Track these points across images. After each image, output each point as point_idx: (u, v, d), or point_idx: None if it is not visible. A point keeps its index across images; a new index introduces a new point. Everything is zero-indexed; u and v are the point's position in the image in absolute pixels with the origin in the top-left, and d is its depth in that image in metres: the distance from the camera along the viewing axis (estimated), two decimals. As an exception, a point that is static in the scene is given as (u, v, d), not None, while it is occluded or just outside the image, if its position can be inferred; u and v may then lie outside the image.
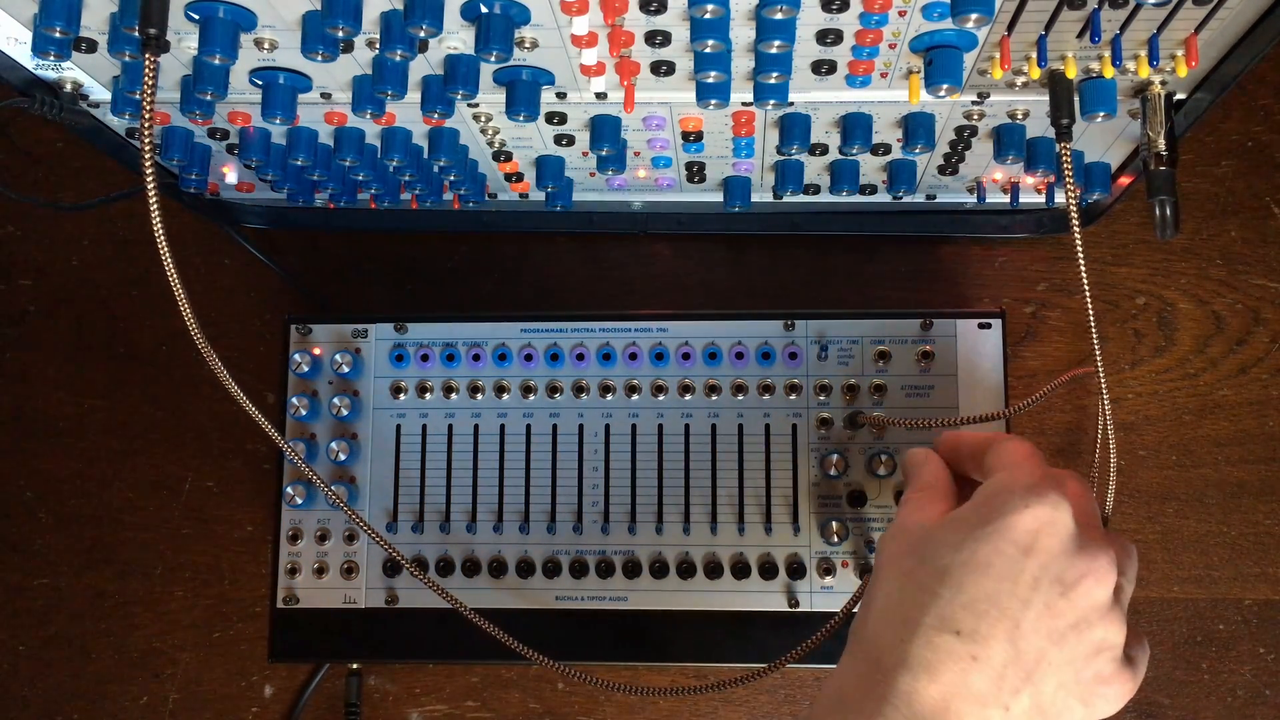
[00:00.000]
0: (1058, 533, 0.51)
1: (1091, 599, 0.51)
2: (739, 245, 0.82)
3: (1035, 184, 0.73)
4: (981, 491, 0.54)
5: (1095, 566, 0.51)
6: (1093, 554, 0.52)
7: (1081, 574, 0.51)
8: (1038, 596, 0.50)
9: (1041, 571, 0.51)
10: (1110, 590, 0.52)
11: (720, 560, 0.71)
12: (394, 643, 0.72)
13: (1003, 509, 0.52)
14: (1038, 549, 0.51)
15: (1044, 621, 0.50)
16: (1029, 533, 0.51)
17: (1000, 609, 0.50)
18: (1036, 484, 0.52)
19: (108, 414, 0.83)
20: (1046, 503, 0.51)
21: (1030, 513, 0.51)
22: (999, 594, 0.50)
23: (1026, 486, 0.52)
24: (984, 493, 0.54)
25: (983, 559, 0.51)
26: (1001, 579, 0.50)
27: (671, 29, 0.53)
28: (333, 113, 0.64)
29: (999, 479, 0.54)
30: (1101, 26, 0.52)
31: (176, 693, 0.80)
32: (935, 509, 0.56)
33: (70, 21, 0.53)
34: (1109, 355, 0.79)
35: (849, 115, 0.63)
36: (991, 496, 0.53)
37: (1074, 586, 0.51)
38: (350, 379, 0.74)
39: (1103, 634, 0.51)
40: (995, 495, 0.53)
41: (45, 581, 0.81)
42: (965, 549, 0.51)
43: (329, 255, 0.84)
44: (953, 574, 0.51)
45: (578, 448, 0.73)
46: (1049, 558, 0.51)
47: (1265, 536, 0.77)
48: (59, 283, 0.84)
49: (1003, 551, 0.51)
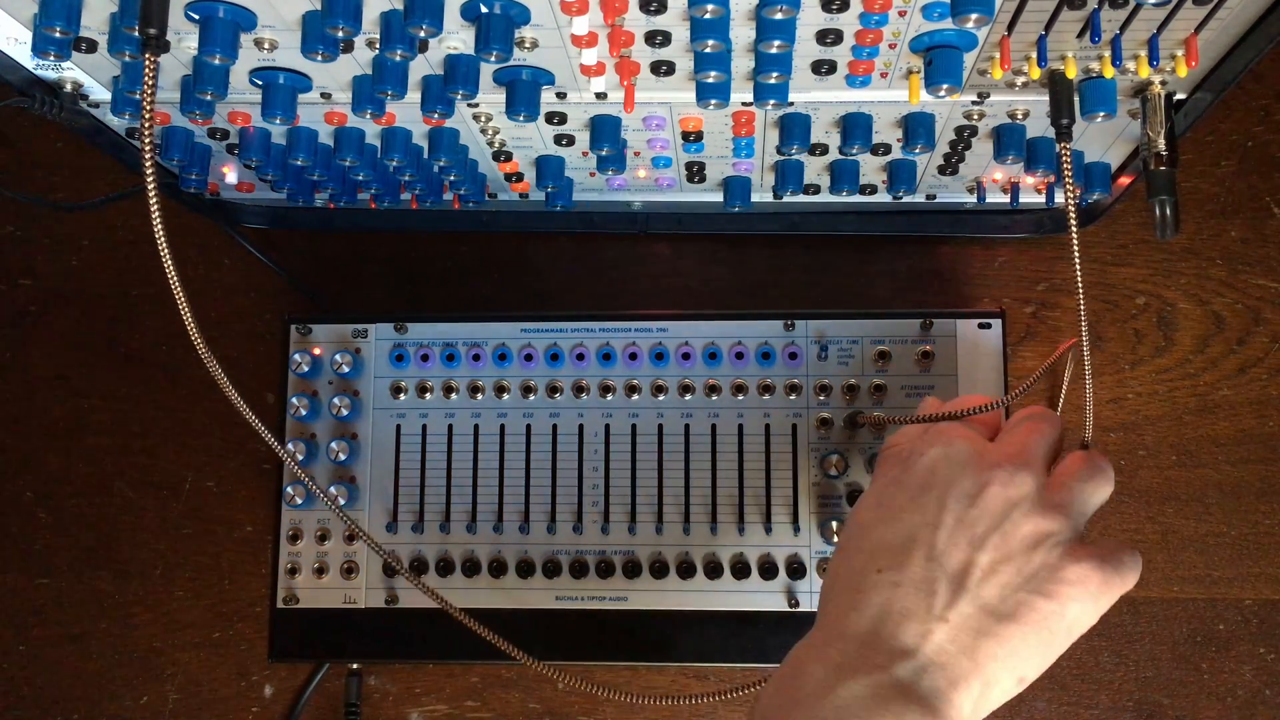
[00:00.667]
0: (951, 459, 0.55)
1: (1004, 499, 0.53)
2: (739, 245, 0.82)
3: (1035, 184, 0.73)
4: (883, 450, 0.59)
5: (997, 473, 0.54)
6: (994, 464, 0.54)
7: (985, 482, 0.53)
8: (946, 515, 0.53)
9: (944, 493, 0.54)
10: (1024, 489, 0.53)
11: (720, 560, 0.71)
12: (394, 643, 0.72)
13: (902, 461, 0.56)
14: (935, 479, 0.54)
15: (959, 533, 0.52)
16: (925, 470, 0.55)
17: (913, 539, 0.53)
18: (935, 433, 0.56)
19: (108, 414, 0.83)
20: (938, 442, 0.56)
21: (926, 456, 0.55)
22: (910, 528, 0.53)
23: (917, 434, 0.57)
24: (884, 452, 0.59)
25: (894, 505, 0.55)
26: (910, 514, 0.54)
27: (671, 29, 0.53)
28: (333, 113, 0.64)
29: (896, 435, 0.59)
30: (1101, 26, 0.52)
31: (176, 693, 0.80)
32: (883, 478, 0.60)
33: (70, 21, 0.53)
34: (1109, 355, 0.79)
35: (849, 115, 0.63)
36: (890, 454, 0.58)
37: (980, 494, 0.53)
38: (350, 379, 0.74)
39: (1033, 526, 0.52)
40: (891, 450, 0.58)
41: (45, 581, 0.81)
42: (881, 504, 0.55)
43: (329, 255, 0.84)
44: (873, 526, 0.55)
45: (578, 448, 0.73)
46: (947, 482, 0.54)
47: (1265, 536, 0.77)
48: (59, 283, 0.84)
49: (907, 493, 0.55)
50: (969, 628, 0.50)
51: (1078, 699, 0.77)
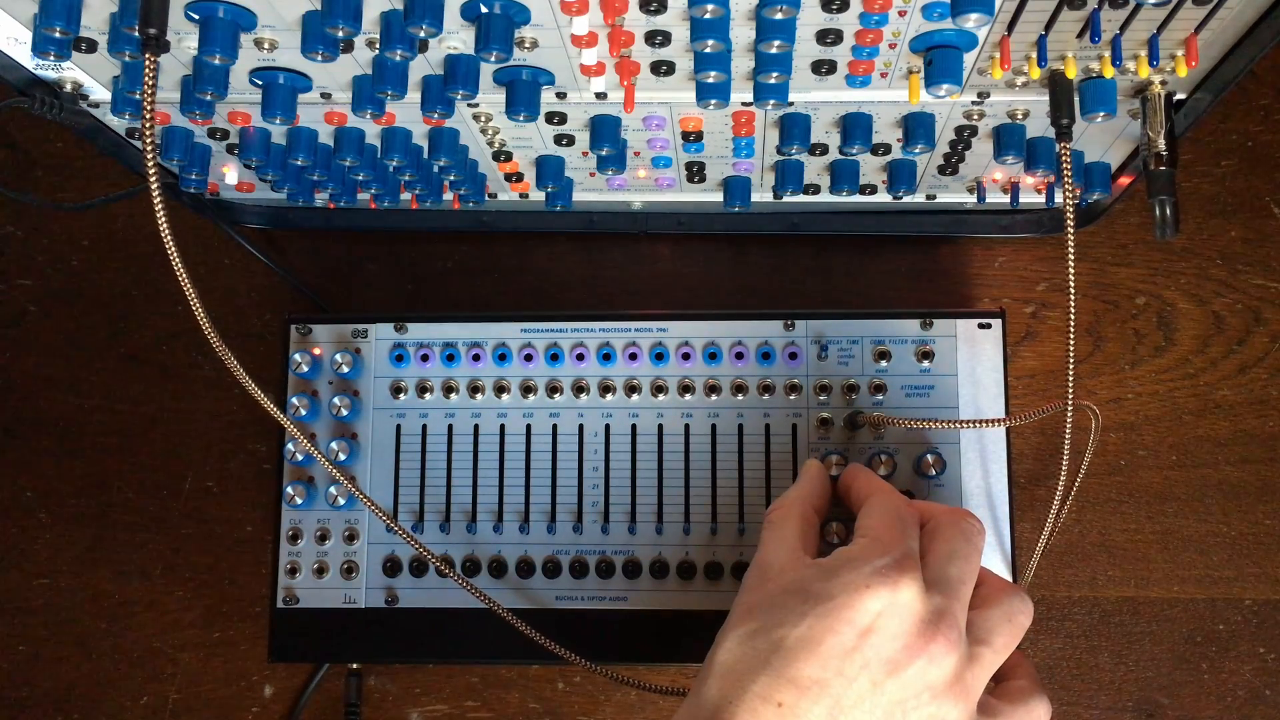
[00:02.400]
0: (896, 614, 0.52)
1: (923, 679, 0.52)
2: (739, 245, 0.82)
3: (1035, 184, 0.73)
4: (836, 556, 0.56)
5: (932, 648, 0.52)
6: (931, 635, 0.52)
7: (914, 655, 0.52)
8: (864, 675, 0.51)
9: (873, 653, 0.52)
10: (947, 669, 0.52)
11: (720, 561, 0.71)
12: (394, 643, 0.72)
13: (846, 586, 0.53)
14: (873, 630, 0.52)
15: (867, 699, 0.51)
16: (867, 613, 0.52)
17: (823, 686, 0.51)
18: (886, 565, 0.54)
19: (108, 414, 0.83)
20: (889, 584, 0.53)
21: (871, 594, 0.53)
22: (826, 671, 0.51)
23: (876, 567, 0.54)
24: (836, 562, 0.55)
25: (816, 635, 0.52)
26: (830, 657, 0.52)
27: (671, 29, 0.54)
28: (333, 113, 0.64)
29: (855, 549, 0.56)
30: (1101, 26, 0.52)
31: (176, 693, 0.80)
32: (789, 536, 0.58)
33: (70, 21, 0.53)
34: (1109, 355, 0.79)
35: (849, 115, 0.63)
36: (841, 567, 0.54)
37: (904, 667, 0.52)
38: (350, 379, 0.74)
39: (933, 711, 0.52)
40: (844, 567, 0.54)
41: (45, 581, 0.81)
42: (804, 624, 0.53)
43: (329, 255, 0.84)
44: (786, 647, 0.52)
45: (578, 448, 0.73)
46: (882, 639, 0.52)
47: (1265, 536, 0.77)
48: (59, 283, 0.84)
49: (837, 630, 0.52)
50: None
51: (1077, 699, 0.77)
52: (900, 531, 0.57)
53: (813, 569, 0.56)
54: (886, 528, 0.57)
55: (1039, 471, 0.78)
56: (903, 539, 0.56)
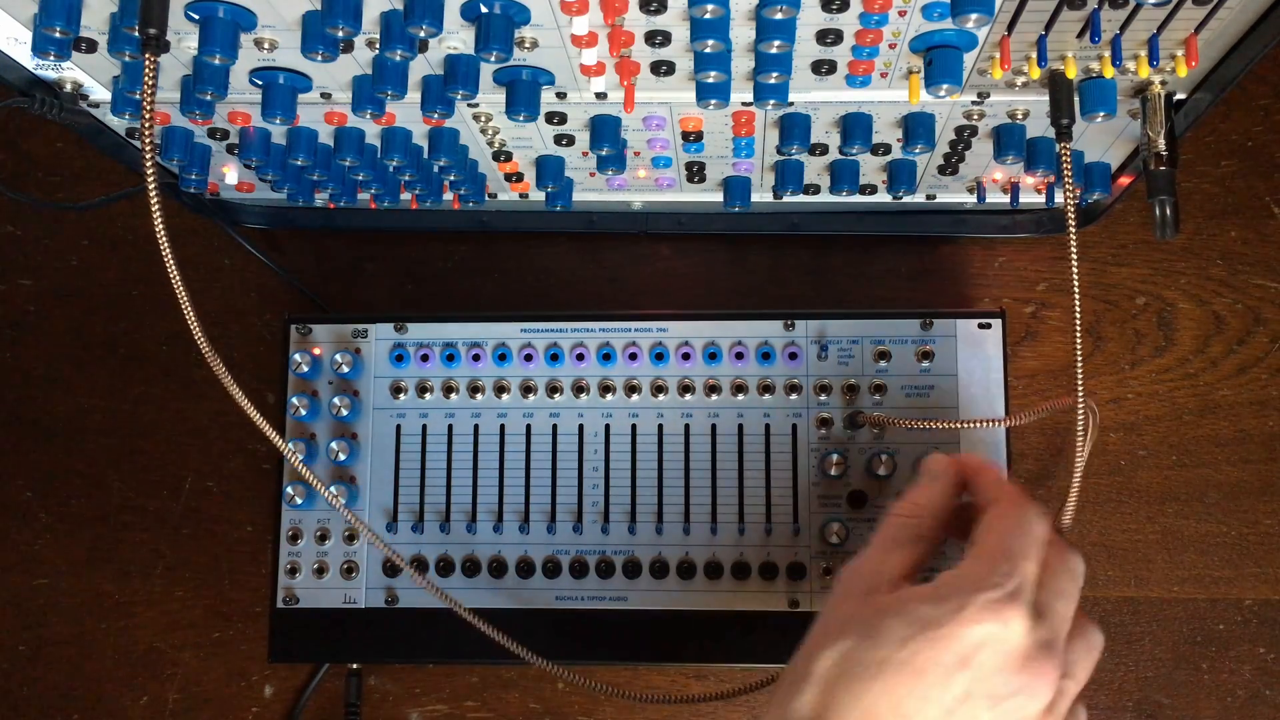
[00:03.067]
0: (1001, 650, 0.51)
1: (1021, 712, 0.51)
2: (739, 245, 0.82)
3: (1035, 184, 0.73)
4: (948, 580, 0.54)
5: (1033, 684, 0.51)
6: (1034, 671, 0.52)
7: (1016, 690, 0.51)
8: (963, 709, 0.51)
9: (974, 685, 0.51)
10: (1043, 703, 0.52)
11: (720, 561, 0.71)
12: (394, 643, 0.72)
13: (957, 614, 0.52)
14: (975, 663, 0.51)
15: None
16: (972, 645, 0.51)
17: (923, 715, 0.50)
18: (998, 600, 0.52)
19: (108, 414, 0.83)
20: (999, 620, 0.51)
21: (980, 628, 0.51)
22: (926, 701, 0.50)
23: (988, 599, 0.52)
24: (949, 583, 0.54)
25: (920, 664, 0.51)
26: (931, 686, 0.51)
27: (671, 29, 0.53)
28: (333, 113, 0.64)
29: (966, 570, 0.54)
30: (1101, 26, 0.52)
31: (176, 693, 0.80)
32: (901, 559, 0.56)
33: (70, 21, 0.53)
34: (1109, 355, 0.79)
35: (849, 115, 0.63)
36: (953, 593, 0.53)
37: (1004, 700, 0.51)
38: (350, 379, 0.74)
39: None
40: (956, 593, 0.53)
41: (45, 581, 0.81)
42: (907, 647, 0.51)
43: (329, 255, 0.84)
44: (889, 671, 0.51)
45: (578, 448, 0.73)
46: (985, 673, 0.51)
47: (1265, 536, 0.77)
48: (59, 283, 0.84)
49: (940, 661, 0.51)
50: None
51: (1078, 699, 0.77)
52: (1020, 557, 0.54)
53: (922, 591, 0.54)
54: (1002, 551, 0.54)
55: (1039, 471, 0.78)
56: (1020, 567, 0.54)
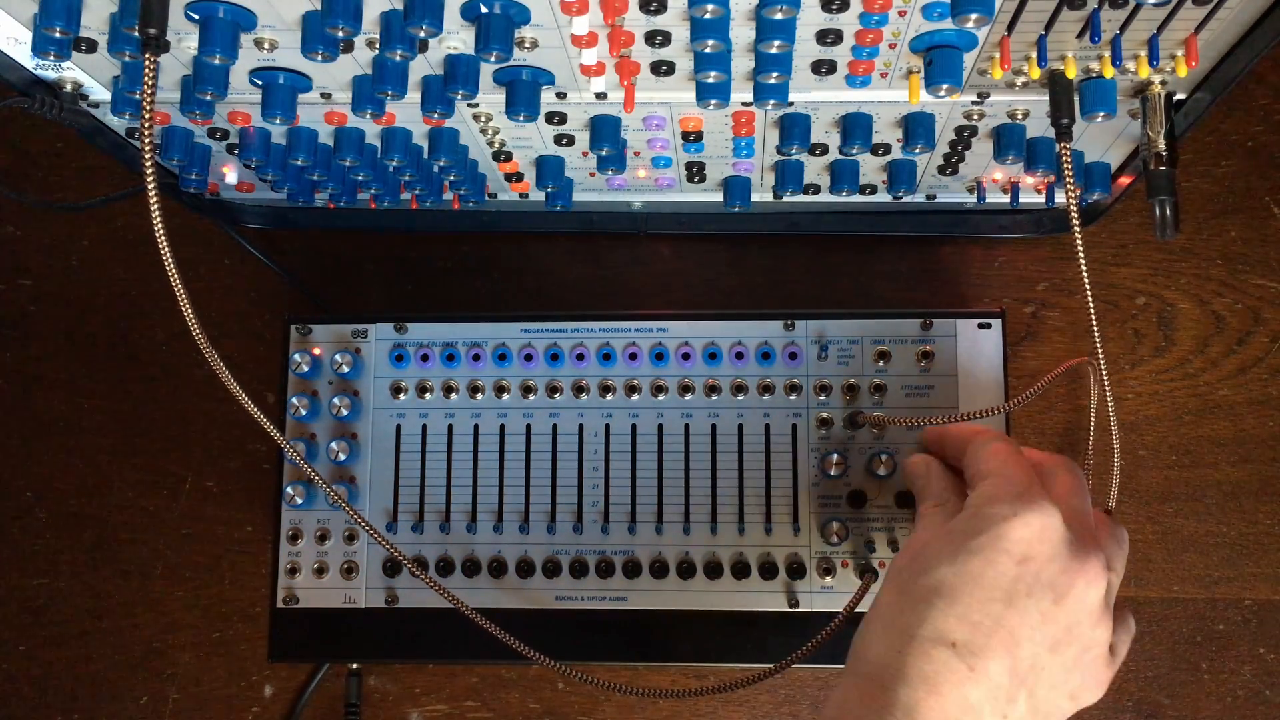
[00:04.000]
0: (1049, 538, 0.52)
1: (1085, 603, 0.52)
2: (739, 245, 0.82)
3: (1035, 184, 0.73)
4: (971, 501, 0.55)
5: (1087, 569, 0.52)
6: (1084, 557, 0.52)
7: (1074, 579, 0.52)
8: (1033, 604, 0.51)
9: (1035, 580, 0.51)
10: (1102, 591, 0.53)
11: (720, 560, 0.71)
12: (394, 643, 0.72)
13: (993, 519, 0.52)
14: (1030, 557, 0.51)
15: (1039, 630, 0.51)
16: (1020, 541, 0.52)
17: (995, 620, 0.50)
18: (1024, 490, 0.53)
19: (108, 414, 0.83)
20: (1035, 509, 0.52)
21: (1020, 521, 0.52)
22: (993, 605, 0.51)
23: (1015, 494, 0.53)
24: (974, 503, 0.55)
25: (975, 571, 0.51)
26: (995, 589, 0.51)
27: (671, 29, 0.53)
28: (333, 113, 0.64)
29: (987, 488, 0.55)
30: (1101, 26, 0.52)
31: (176, 693, 0.80)
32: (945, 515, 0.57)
33: (70, 21, 0.53)
34: (1109, 355, 0.79)
35: (849, 115, 0.63)
36: (981, 506, 0.54)
37: (1067, 592, 0.52)
38: (350, 379, 0.74)
39: (1091, 635, 0.52)
40: (985, 505, 0.54)
41: (45, 581, 0.81)
42: (958, 561, 0.52)
43: (329, 255, 0.84)
44: (947, 587, 0.51)
45: (578, 448, 0.73)
46: (1041, 564, 0.51)
47: (1265, 536, 0.77)
48: (59, 283, 0.84)
49: (995, 563, 0.51)
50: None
51: (1078, 699, 0.77)
52: (1020, 462, 0.56)
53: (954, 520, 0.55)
54: (1005, 463, 0.56)
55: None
56: (1026, 468, 0.55)
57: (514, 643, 0.65)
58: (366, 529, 0.64)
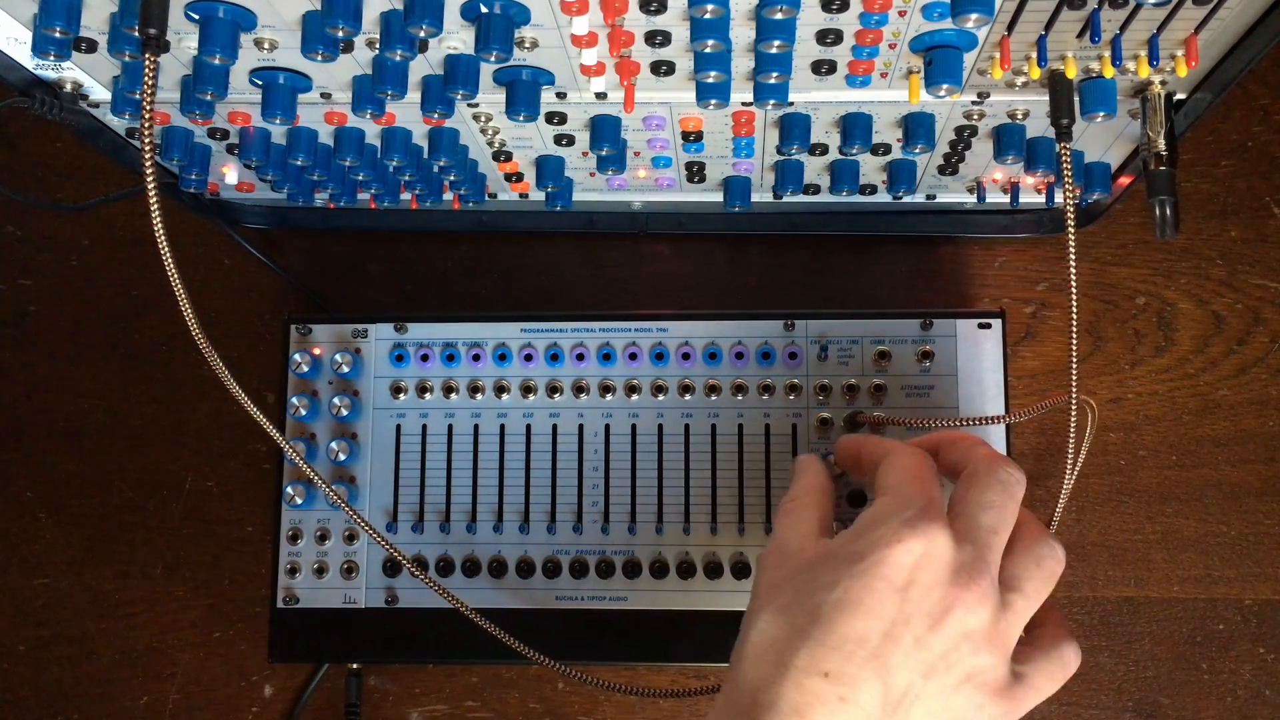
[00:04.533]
0: (931, 564, 0.51)
1: (962, 628, 0.51)
2: (739, 245, 0.82)
3: (1035, 184, 0.73)
4: (860, 520, 0.54)
5: (966, 596, 0.51)
6: (966, 584, 0.51)
7: (951, 605, 0.51)
8: (907, 632, 0.50)
9: (913, 607, 0.50)
10: (984, 618, 0.51)
11: (720, 560, 0.71)
12: (394, 643, 0.72)
13: (877, 543, 0.52)
14: (912, 584, 0.51)
15: (912, 656, 0.50)
16: (903, 567, 0.51)
17: (869, 649, 0.50)
18: (915, 515, 0.52)
19: (108, 414, 0.83)
20: (920, 535, 0.51)
21: (903, 546, 0.51)
22: (868, 632, 0.50)
23: (903, 519, 0.52)
24: (862, 522, 0.54)
25: (854, 598, 0.51)
26: (871, 617, 0.50)
27: (671, 29, 0.54)
28: (333, 113, 0.64)
29: (878, 507, 0.54)
30: (1101, 26, 0.52)
31: (176, 693, 0.80)
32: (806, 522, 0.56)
33: (70, 21, 0.53)
34: (1109, 355, 0.79)
35: (849, 115, 0.63)
36: (868, 528, 0.53)
37: (943, 618, 0.51)
38: (350, 379, 0.74)
39: (974, 663, 0.51)
40: (872, 527, 0.53)
41: (45, 581, 0.81)
42: (839, 588, 0.51)
43: (329, 255, 0.84)
44: (824, 613, 0.51)
45: (578, 448, 0.73)
46: (920, 592, 0.51)
47: (1265, 536, 0.77)
48: (59, 283, 0.84)
49: (874, 589, 0.51)
50: None
51: (1078, 699, 0.77)
52: (921, 482, 0.55)
53: (838, 537, 0.54)
54: (906, 481, 0.55)
55: (1039, 471, 0.78)
56: (925, 489, 0.54)
57: (514, 643, 0.65)
58: (366, 529, 0.65)
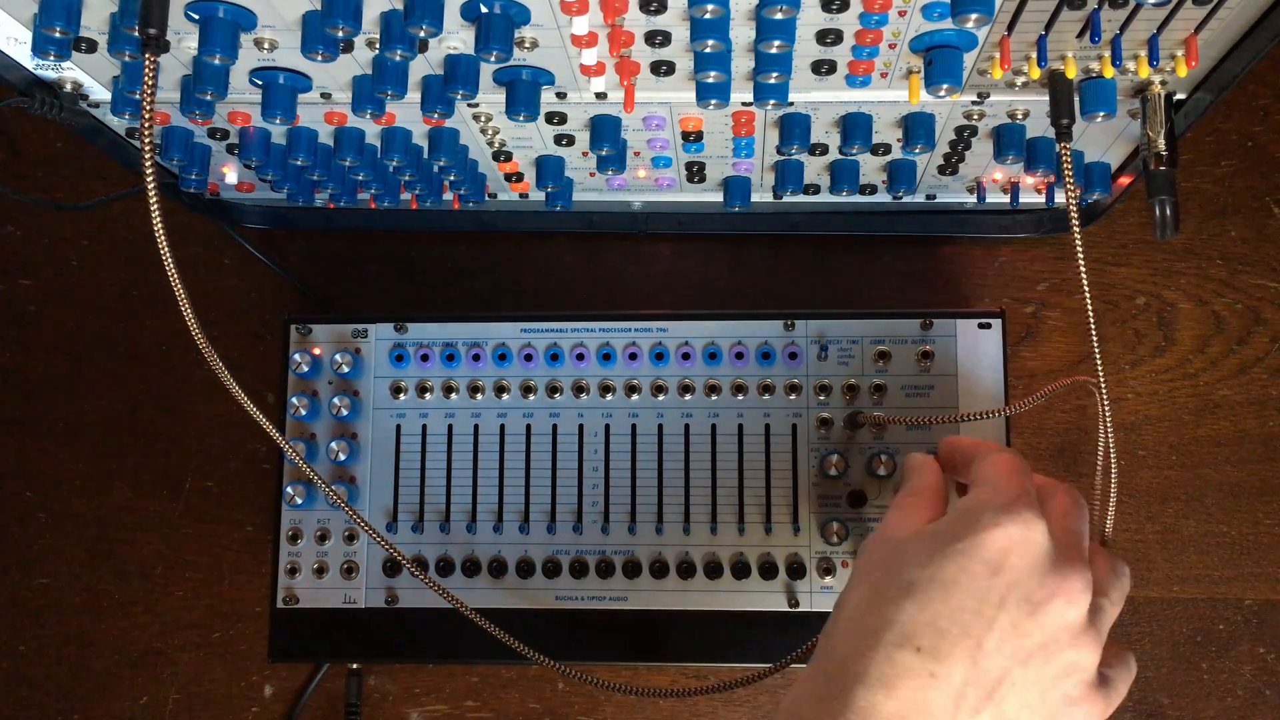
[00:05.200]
0: (1029, 551, 0.51)
1: (1062, 619, 0.51)
2: (739, 245, 0.82)
3: (1035, 184, 0.73)
4: (958, 506, 0.54)
5: (1067, 586, 0.51)
6: (1065, 573, 0.51)
7: (1051, 593, 0.51)
8: (1004, 615, 0.50)
9: (1009, 590, 0.50)
10: (1083, 611, 0.52)
11: (720, 560, 0.71)
12: (394, 643, 0.72)
13: (974, 526, 0.52)
14: (1006, 567, 0.51)
15: (1009, 641, 0.50)
16: (999, 550, 0.51)
17: (963, 627, 0.49)
18: (1011, 502, 0.52)
19: (108, 414, 0.83)
20: (1018, 521, 0.51)
21: (1001, 531, 0.51)
22: (963, 612, 0.50)
23: (1000, 505, 0.52)
24: (960, 507, 0.54)
25: (949, 576, 0.50)
26: (966, 597, 0.50)
27: (671, 29, 0.53)
28: (333, 113, 0.64)
29: (976, 495, 0.54)
30: (1101, 26, 0.52)
31: (176, 693, 0.80)
32: (918, 517, 0.56)
33: (70, 21, 0.53)
34: (1109, 355, 0.79)
35: (849, 115, 0.63)
36: (966, 513, 0.53)
37: (1042, 606, 0.50)
38: (350, 379, 0.74)
39: (1074, 656, 0.51)
40: (969, 511, 0.53)
41: (45, 581, 0.81)
42: (933, 564, 0.51)
43: (329, 255, 0.84)
44: (918, 589, 0.50)
45: (578, 448, 0.73)
46: (1017, 576, 0.51)
47: (1265, 536, 0.77)
48: (59, 283, 0.84)
49: (969, 570, 0.50)
50: None
51: (1078, 699, 0.76)
52: (1019, 476, 0.55)
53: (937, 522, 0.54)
54: (1004, 474, 0.55)
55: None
56: (1022, 482, 0.54)
57: (514, 643, 0.65)
58: (366, 529, 0.65)
